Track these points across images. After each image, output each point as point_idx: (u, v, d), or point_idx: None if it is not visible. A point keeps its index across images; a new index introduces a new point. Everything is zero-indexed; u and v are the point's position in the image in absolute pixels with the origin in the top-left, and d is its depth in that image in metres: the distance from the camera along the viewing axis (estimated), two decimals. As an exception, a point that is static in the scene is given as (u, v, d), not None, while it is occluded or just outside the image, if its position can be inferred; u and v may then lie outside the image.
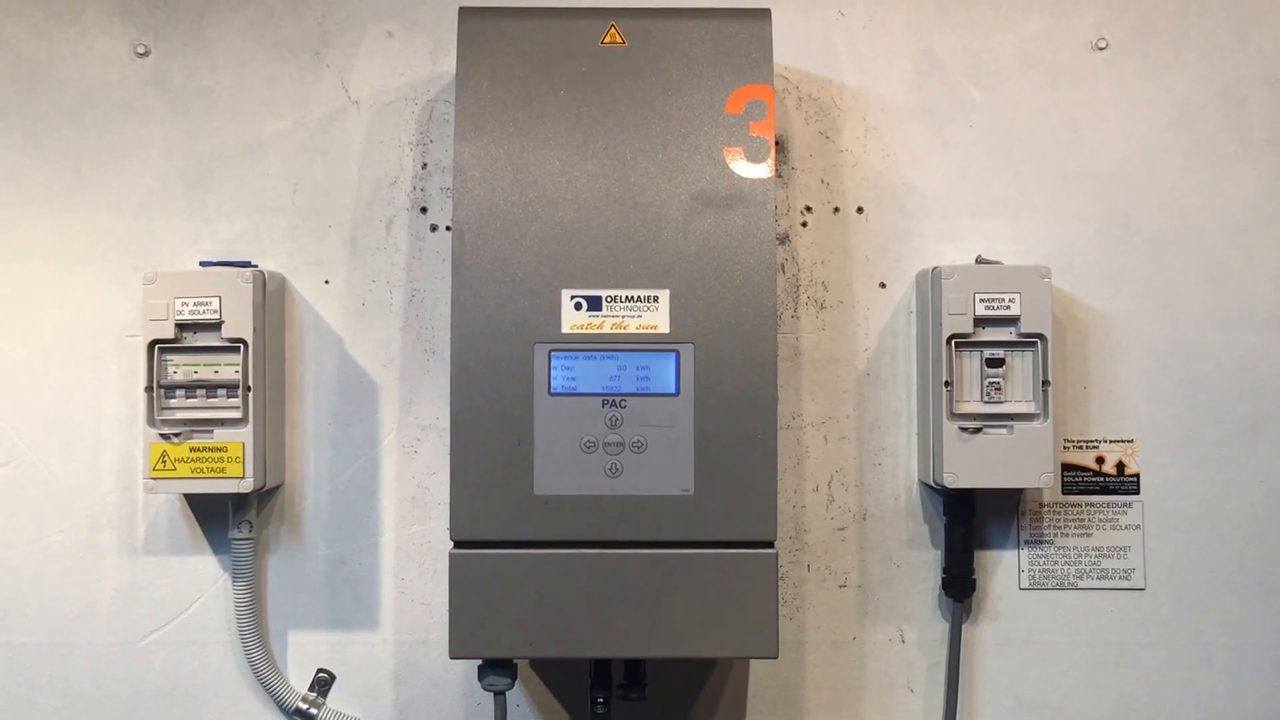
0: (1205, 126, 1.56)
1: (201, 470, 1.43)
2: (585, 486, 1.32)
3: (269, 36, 1.56)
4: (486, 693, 1.38)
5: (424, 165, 1.56)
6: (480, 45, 1.36)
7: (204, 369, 1.45)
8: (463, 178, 1.34)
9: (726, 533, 1.32)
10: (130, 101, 1.56)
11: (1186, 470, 1.56)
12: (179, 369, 1.45)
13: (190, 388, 1.45)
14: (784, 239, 1.56)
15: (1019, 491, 1.55)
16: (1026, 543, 1.56)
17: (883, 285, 1.56)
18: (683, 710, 1.56)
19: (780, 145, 1.55)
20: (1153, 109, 1.56)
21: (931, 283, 1.47)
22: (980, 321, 1.44)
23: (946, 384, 1.44)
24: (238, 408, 1.44)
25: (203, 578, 1.55)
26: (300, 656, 1.55)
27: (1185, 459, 1.56)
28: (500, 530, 1.32)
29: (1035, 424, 1.44)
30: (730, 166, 1.34)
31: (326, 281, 1.55)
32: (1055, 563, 1.56)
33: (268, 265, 1.54)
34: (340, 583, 1.55)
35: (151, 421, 1.44)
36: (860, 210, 1.56)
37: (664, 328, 1.33)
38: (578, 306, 1.33)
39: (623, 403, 1.33)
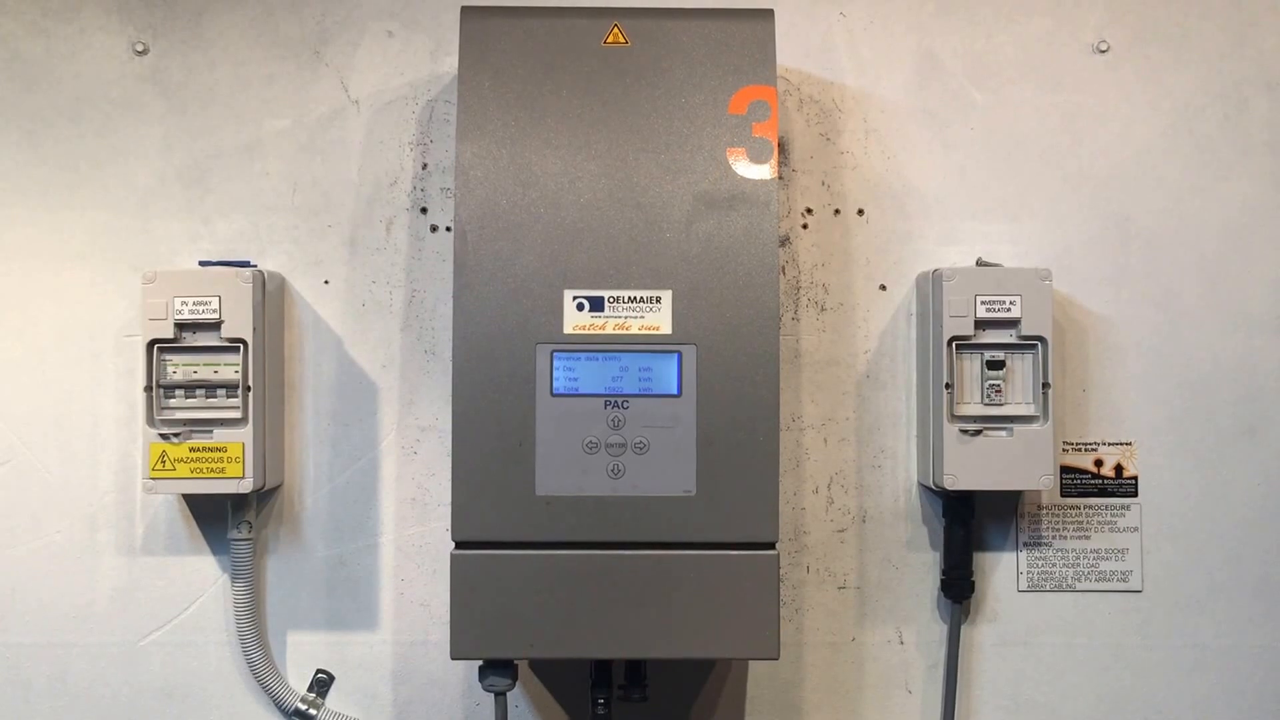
0: (1205, 129, 1.56)
1: (201, 470, 1.43)
2: (587, 487, 1.32)
3: (268, 35, 1.55)
4: (486, 693, 1.38)
5: (424, 165, 1.55)
6: (482, 44, 1.35)
7: (203, 369, 1.44)
8: (464, 178, 1.33)
9: (728, 534, 1.32)
10: (128, 100, 1.55)
11: (1184, 473, 1.56)
12: (178, 369, 1.44)
13: (189, 388, 1.45)
14: (785, 241, 1.55)
15: (1018, 493, 1.55)
16: (1025, 545, 1.56)
17: (883, 287, 1.56)
18: (683, 710, 1.56)
19: (781, 147, 1.55)
20: (1153, 112, 1.56)
21: (932, 285, 1.47)
22: (981, 324, 1.45)
23: (947, 386, 1.44)
24: (237, 408, 1.44)
25: (202, 578, 1.54)
26: (299, 657, 1.55)
27: (1183, 461, 1.56)
28: (501, 531, 1.32)
29: (1035, 426, 1.44)
30: (733, 167, 1.34)
31: (326, 281, 1.55)
32: (1054, 565, 1.56)
33: (267, 265, 1.54)
34: (339, 583, 1.55)
35: (151, 421, 1.43)
36: (861, 212, 1.56)
37: (666, 329, 1.33)
38: (580, 307, 1.33)
39: (625, 404, 1.33)
